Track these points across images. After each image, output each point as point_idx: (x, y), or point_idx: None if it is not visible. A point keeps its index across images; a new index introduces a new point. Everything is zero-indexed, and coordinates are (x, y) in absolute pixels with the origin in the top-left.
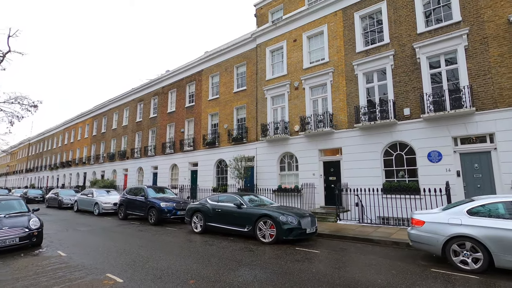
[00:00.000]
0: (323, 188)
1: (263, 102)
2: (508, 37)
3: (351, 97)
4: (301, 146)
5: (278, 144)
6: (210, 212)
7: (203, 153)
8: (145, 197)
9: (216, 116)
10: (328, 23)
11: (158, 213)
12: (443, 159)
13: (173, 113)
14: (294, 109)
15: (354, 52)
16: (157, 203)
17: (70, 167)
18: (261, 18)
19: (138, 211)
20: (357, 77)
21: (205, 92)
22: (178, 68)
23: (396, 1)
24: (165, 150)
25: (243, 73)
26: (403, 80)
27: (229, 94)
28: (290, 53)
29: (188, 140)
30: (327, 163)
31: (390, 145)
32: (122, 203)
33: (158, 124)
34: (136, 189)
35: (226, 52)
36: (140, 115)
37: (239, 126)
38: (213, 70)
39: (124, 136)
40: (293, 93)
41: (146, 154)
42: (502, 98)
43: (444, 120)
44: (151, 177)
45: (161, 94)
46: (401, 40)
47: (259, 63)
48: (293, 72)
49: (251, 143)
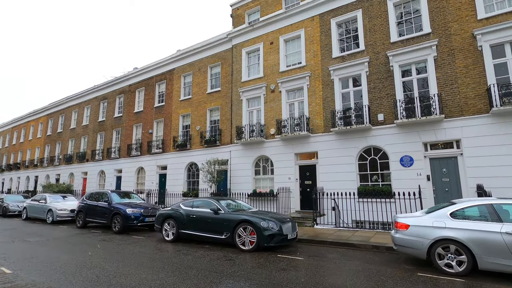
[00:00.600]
0: (299, 192)
1: (238, 104)
2: (472, 50)
3: (327, 102)
4: (277, 149)
5: (254, 147)
6: (184, 218)
7: (173, 155)
8: (109, 202)
9: (188, 117)
10: (305, 27)
11: (124, 220)
12: (415, 163)
13: (140, 113)
14: (270, 112)
15: (331, 58)
16: (122, 209)
17: (19, 170)
18: (237, 19)
19: (100, 218)
20: (333, 82)
21: (176, 92)
22: (147, 66)
23: (371, 10)
24: (131, 152)
25: (217, 74)
26: (377, 86)
27: (202, 94)
28: (266, 55)
29: (157, 142)
30: (303, 167)
31: (365, 149)
32: (81, 210)
33: (123, 124)
34: (98, 194)
35: (200, 51)
36: (104, 114)
37: (212, 128)
38: (185, 69)
39: (84, 137)
40: (270, 96)
41: (109, 156)
42: (467, 106)
43: (415, 126)
44: (114, 181)
45: (128, 93)
46: (376, 48)
47: (235, 64)
48: (269, 75)
49: (225, 146)
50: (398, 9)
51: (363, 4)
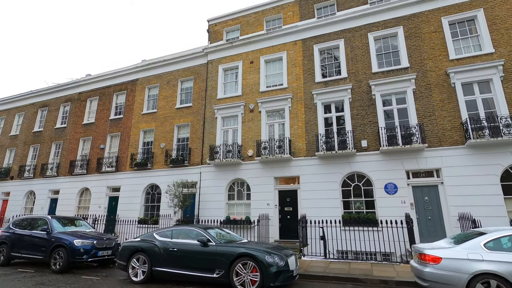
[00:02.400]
0: (278, 220)
1: (212, 122)
2: (447, 86)
3: (310, 125)
4: (255, 172)
5: (228, 169)
6: (160, 252)
7: (130, 175)
8: (48, 231)
9: (151, 133)
10: (288, 50)
11: (69, 255)
12: (398, 191)
13: (91, 125)
14: (248, 132)
15: (314, 82)
16: (68, 240)
17: None
18: (214, 35)
19: (34, 253)
20: (316, 106)
21: (138, 104)
22: (104, 73)
23: (352, 40)
24: (74, 169)
25: (189, 89)
26: (360, 113)
27: (170, 109)
28: (246, 74)
29: (110, 159)
30: (283, 192)
31: (348, 175)
32: (5, 241)
33: (67, 136)
34: (32, 221)
35: (171, 63)
36: (41, 123)
37: (180, 146)
38: (151, 81)
39: (10, 149)
40: (248, 116)
41: (43, 174)
42: (445, 137)
43: (398, 154)
44: (47, 205)
45: (77, 101)
46: (358, 76)
47: (210, 80)
48: (248, 94)
49: (194, 166)
50: (378, 43)
51: (345, 34)
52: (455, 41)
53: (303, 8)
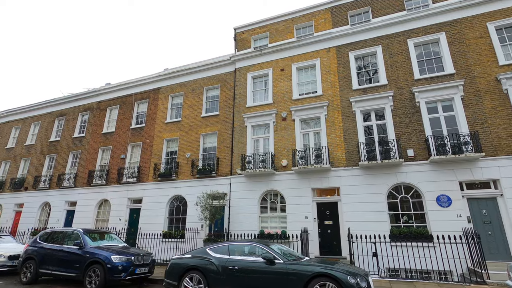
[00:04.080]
0: (318, 234)
1: (241, 131)
2: (498, 92)
3: (348, 134)
4: (290, 183)
5: (261, 180)
6: (218, 271)
7: (152, 186)
8: (81, 246)
9: (175, 143)
10: (321, 57)
11: (106, 272)
12: (453, 203)
13: (111, 134)
14: (281, 141)
15: (351, 89)
16: (104, 255)
17: None
18: (241, 43)
19: (66, 269)
20: (354, 114)
21: (161, 113)
22: (125, 82)
23: (391, 47)
24: (93, 180)
25: (215, 97)
26: (403, 121)
27: (195, 118)
28: (276, 81)
29: (131, 170)
30: (322, 204)
31: (393, 187)
32: (32, 256)
33: (85, 146)
34: (62, 234)
35: (195, 72)
36: (58, 133)
37: (206, 156)
38: (175, 89)
39: (25, 159)
40: (280, 124)
41: (59, 185)
42: (501, 146)
43: (450, 164)
44: (63, 217)
45: (96, 110)
46: (399, 83)
47: (238, 88)
48: (280, 102)
49: (222, 177)
50: (418, 49)
51: (382, 41)
52: (503, 47)
53: (336, 16)
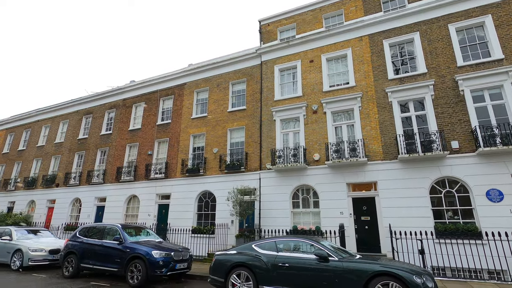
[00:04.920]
0: (354, 230)
1: (270, 125)
2: None
3: (385, 126)
4: (323, 178)
5: (292, 175)
6: (267, 267)
7: (180, 182)
8: (121, 241)
9: (202, 138)
10: (353, 47)
11: (148, 268)
12: (504, 198)
13: (137, 131)
14: (312, 134)
15: (386, 79)
16: (144, 250)
17: None
18: (267, 35)
19: (107, 264)
20: (391, 104)
21: (187, 108)
22: (150, 79)
23: (430, 33)
24: (121, 176)
25: (241, 91)
26: (446, 111)
27: (221, 113)
28: (305, 73)
29: (159, 166)
30: (358, 199)
31: (437, 181)
32: (73, 251)
33: (112, 143)
34: (102, 230)
35: (220, 66)
36: (86, 131)
37: (234, 151)
38: (200, 84)
39: (56, 157)
40: (311, 117)
41: (89, 181)
42: None
43: (500, 156)
44: (93, 212)
45: (122, 107)
46: (440, 71)
47: (265, 82)
48: (309, 94)
49: (251, 172)
50: (460, 34)
51: (420, 27)
52: None
53: (367, 2)
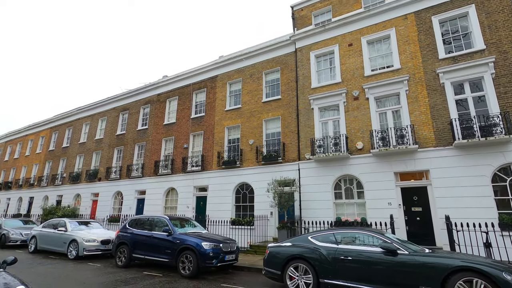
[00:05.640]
0: (404, 222)
1: (307, 114)
2: None
3: (436, 110)
4: (368, 167)
5: (333, 165)
6: (327, 261)
7: (217, 174)
8: (170, 232)
9: (237, 130)
10: (396, 26)
11: (199, 259)
12: None
13: (172, 125)
14: (353, 122)
15: (436, 59)
16: (194, 242)
17: (10, 189)
18: (301, 20)
19: (158, 255)
20: (443, 87)
21: (220, 101)
22: (182, 73)
23: (487, 5)
24: (159, 170)
25: (275, 80)
26: (510, 91)
27: (256, 104)
28: (344, 58)
29: (195, 159)
30: (408, 189)
31: (500, 168)
32: (125, 241)
33: (149, 138)
34: (150, 221)
35: (252, 56)
36: (123, 126)
37: (270, 142)
38: (232, 76)
39: (97, 152)
40: (352, 104)
41: (128, 175)
42: None
43: None
44: (134, 205)
45: (156, 103)
46: (501, 46)
47: (300, 69)
48: (349, 80)
49: (289, 163)
50: None
51: None
52: None
53: None
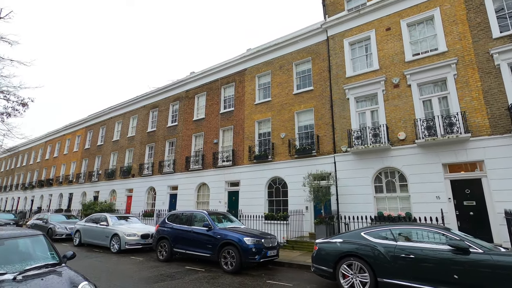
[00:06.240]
0: (455, 217)
1: (342, 105)
2: None
3: (491, 94)
4: (412, 159)
5: (373, 157)
6: (386, 259)
7: (248, 169)
8: (210, 227)
9: (267, 123)
10: (441, 6)
11: (242, 254)
12: None
13: (201, 120)
14: (394, 111)
15: (490, 38)
16: (236, 237)
17: (51, 186)
18: (332, 7)
19: (199, 250)
20: (498, 69)
21: (249, 95)
22: (209, 69)
23: None
24: (190, 165)
25: (306, 71)
26: None
27: (286, 96)
28: (382, 44)
29: (226, 154)
30: (458, 182)
31: None
32: (165, 236)
33: (179, 134)
34: (188, 216)
35: (281, 47)
36: (154, 124)
37: (303, 135)
38: (261, 68)
39: (129, 149)
40: (392, 92)
41: (161, 171)
42: None
43: None
44: (167, 200)
45: (185, 99)
46: None
47: (333, 58)
48: (388, 66)
49: (324, 156)
50: None
51: None
52: None
53: None
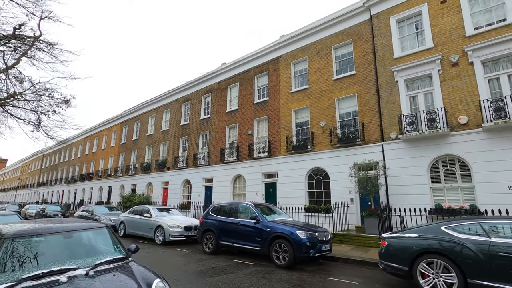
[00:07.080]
0: None
1: (390, 89)
2: None
3: None
4: (477, 145)
5: (428, 144)
6: (478, 257)
7: (286, 160)
8: (257, 220)
9: (305, 112)
10: None
11: (295, 249)
12: None
13: (235, 111)
14: (452, 93)
15: None
16: (288, 230)
17: (91, 180)
18: None
19: (247, 243)
20: None
21: (284, 83)
22: (241, 58)
23: None
24: (224, 158)
25: (347, 55)
26: None
27: (325, 82)
28: (436, 19)
29: (262, 145)
30: None
31: None
32: (210, 228)
33: (212, 126)
34: (233, 208)
35: (318, 31)
36: (186, 117)
37: (345, 123)
38: (296, 55)
39: (163, 143)
40: (450, 72)
41: (195, 164)
42: None
43: None
44: (202, 192)
45: (217, 91)
46: None
47: (378, 38)
48: (444, 43)
49: (370, 144)
50: None
51: None
52: None
53: None
